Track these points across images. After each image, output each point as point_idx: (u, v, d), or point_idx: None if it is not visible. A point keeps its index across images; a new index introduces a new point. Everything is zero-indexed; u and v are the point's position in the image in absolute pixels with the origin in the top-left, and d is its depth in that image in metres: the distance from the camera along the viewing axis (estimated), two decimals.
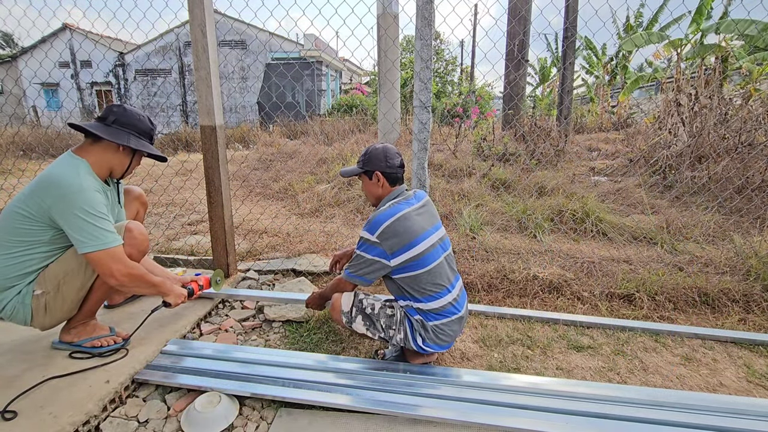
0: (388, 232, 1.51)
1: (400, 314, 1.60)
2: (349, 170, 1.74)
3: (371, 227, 1.54)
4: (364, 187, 1.75)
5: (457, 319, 1.61)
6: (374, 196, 1.71)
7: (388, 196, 1.67)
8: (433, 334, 1.56)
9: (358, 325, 1.63)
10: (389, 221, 1.52)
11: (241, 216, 3.75)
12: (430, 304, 1.56)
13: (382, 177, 1.65)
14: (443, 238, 1.66)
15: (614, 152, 6.61)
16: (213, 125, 2.27)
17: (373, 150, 1.67)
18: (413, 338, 1.58)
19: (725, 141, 4.62)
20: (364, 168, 1.67)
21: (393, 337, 1.60)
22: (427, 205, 1.69)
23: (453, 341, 1.66)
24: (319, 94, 16.45)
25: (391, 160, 1.64)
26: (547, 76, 16.63)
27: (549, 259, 2.75)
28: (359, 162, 1.70)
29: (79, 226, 1.42)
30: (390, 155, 1.65)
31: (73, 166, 1.50)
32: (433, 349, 1.60)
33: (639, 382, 1.69)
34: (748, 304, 2.24)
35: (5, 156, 7.04)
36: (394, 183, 1.68)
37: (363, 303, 1.64)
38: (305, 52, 15.65)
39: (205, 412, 1.40)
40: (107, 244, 1.45)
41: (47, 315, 1.55)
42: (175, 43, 16.65)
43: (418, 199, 1.67)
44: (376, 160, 1.64)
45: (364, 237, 1.56)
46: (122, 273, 1.49)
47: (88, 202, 1.44)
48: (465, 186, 4.37)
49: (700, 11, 7.75)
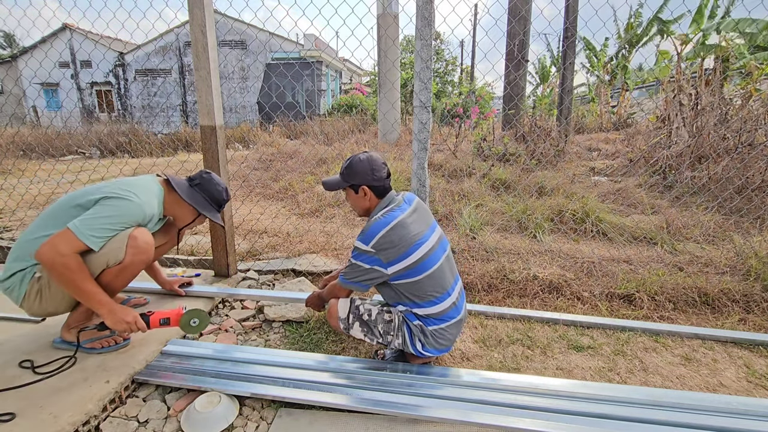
0: (383, 242, 1.46)
1: (398, 320, 1.57)
2: (332, 183, 1.64)
3: (365, 237, 1.49)
4: (349, 200, 1.67)
5: (457, 323, 1.60)
6: (362, 209, 1.64)
7: (378, 206, 1.60)
8: (433, 338, 1.55)
9: (355, 332, 1.62)
10: (384, 230, 1.47)
11: (241, 216, 3.75)
12: (430, 308, 1.53)
13: (369, 191, 1.57)
14: (441, 238, 1.63)
15: (614, 152, 6.61)
16: (213, 125, 2.27)
17: (357, 162, 1.56)
18: (412, 343, 1.56)
19: (725, 141, 4.62)
20: (348, 182, 1.59)
21: (391, 343, 1.59)
22: (419, 207, 1.64)
23: (452, 345, 1.65)
24: (319, 94, 16.46)
25: (377, 172, 1.56)
26: (547, 76, 16.62)
27: (549, 259, 2.75)
28: (342, 174, 1.60)
29: (95, 211, 1.47)
30: (376, 167, 1.56)
31: (152, 190, 1.67)
32: (432, 354, 1.60)
33: (639, 382, 1.69)
34: (748, 304, 2.24)
35: (5, 156, 7.04)
36: (381, 195, 1.60)
37: (360, 309, 1.61)
38: (305, 52, 15.66)
39: (205, 412, 1.40)
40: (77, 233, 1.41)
41: (37, 301, 1.54)
42: (175, 43, 16.66)
43: (409, 203, 1.61)
44: (362, 173, 1.55)
45: (359, 247, 1.51)
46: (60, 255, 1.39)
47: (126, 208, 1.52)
48: (465, 186, 4.37)
49: (700, 11, 7.75)
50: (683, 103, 5.24)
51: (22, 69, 17.35)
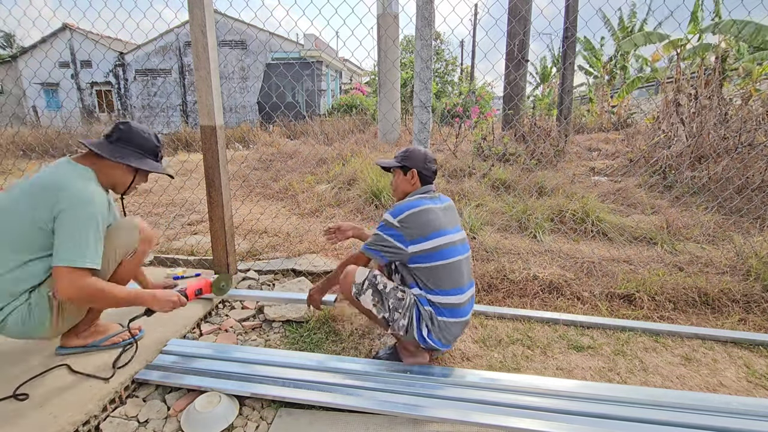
0: (410, 220, 1.56)
1: (410, 300, 1.59)
2: (386, 161, 1.82)
3: (395, 212, 1.60)
4: (394, 182, 1.80)
5: (464, 322, 1.63)
6: (403, 192, 1.76)
7: (416, 191, 1.72)
8: (440, 329, 1.56)
9: (365, 299, 1.61)
10: (413, 210, 1.58)
11: (241, 216, 3.75)
12: (443, 297, 1.57)
13: (416, 175, 1.72)
14: (464, 240, 1.70)
15: (614, 152, 6.61)
16: (213, 125, 2.27)
17: (415, 150, 1.74)
18: (418, 327, 1.56)
19: (725, 141, 4.62)
20: (402, 163, 1.73)
21: (396, 321, 1.57)
22: (450, 207, 1.74)
23: (451, 344, 1.66)
24: (319, 94, 16.46)
25: (429, 163, 1.73)
26: (547, 76, 16.63)
27: (549, 259, 2.75)
28: (397, 157, 1.76)
29: (70, 234, 1.35)
30: (429, 159, 1.74)
31: (82, 176, 1.46)
32: (434, 344, 1.58)
33: (639, 382, 1.69)
34: (748, 304, 2.24)
35: (5, 156, 7.04)
36: (424, 183, 1.74)
37: (377, 279, 1.63)
38: (305, 52, 15.65)
39: (205, 412, 1.40)
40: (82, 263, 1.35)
41: (61, 317, 1.47)
42: (175, 43, 16.65)
43: (443, 201, 1.73)
44: (416, 159, 1.71)
45: (387, 219, 1.61)
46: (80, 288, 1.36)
47: (94, 216, 1.39)
48: (465, 186, 4.37)
49: (696, 12, 7.75)
50: (681, 104, 5.24)
51: (22, 69, 17.34)
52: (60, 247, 1.34)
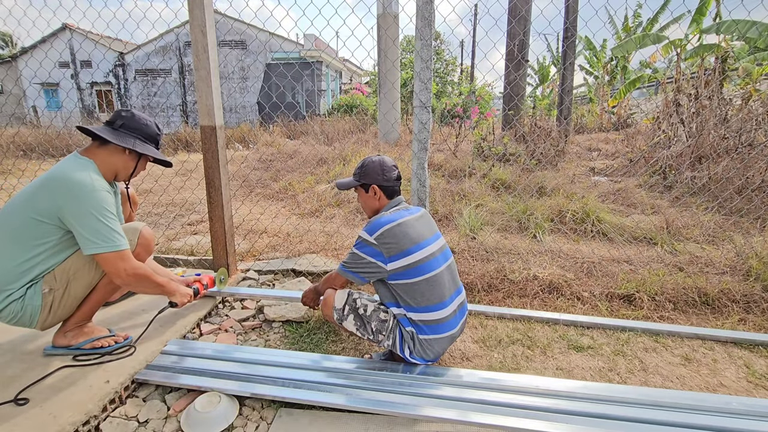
0: (387, 236, 1.51)
1: (392, 322, 1.58)
2: (345, 182, 1.74)
3: (371, 228, 1.55)
4: (360, 200, 1.75)
5: (449, 337, 1.59)
6: (371, 209, 1.72)
7: (387, 206, 1.67)
8: (421, 348, 1.56)
9: (348, 324, 1.62)
10: (389, 225, 1.53)
11: (241, 216, 3.75)
12: (424, 314, 1.54)
13: (379, 190, 1.66)
14: (444, 248, 1.66)
15: (614, 152, 6.61)
16: (213, 125, 2.27)
17: (369, 163, 1.67)
18: (401, 347, 1.58)
19: (725, 141, 4.62)
20: (360, 181, 1.68)
21: (382, 342, 1.59)
22: (425, 216, 1.70)
23: (439, 357, 1.64)
24: (319, 94, 16.46)
25: (387, 173, 1.65)
26: (547, 76, 16.63)
27: (549, 259, 2.75)
28: (355, 174, 1.70)
29: (92, 227, 1.44)
30: (386, 168, 1.66)
31: (83, 166, 1.52)
32: (418, 362, 1.60)
33: (639, 382, 1.69)
34: (748, 304, 2.24)
35: (5, 156, 7.04)
36: (391, 196, 1.68)
37: (356, 303, 1.62)
38: (305, 52, 15.66)
39: (205, 412, 1.40)
40: (118, 246, 1.48)
41: (51, 313, 1.55)
42: (175, 43, 16.66)
43: (417, 211, 1.68)
44: (372, 174, 1.65)
45: (363, 237, 1.56)
46: (129, 273, 1.51)
47: (101, 202, 1.47)
48: (465, 186, 4.37)
49: (700, 11, 7.74)
50: (681, 104, 5.24)
51: (22, 69, 17.34)
52: (92, 236, 1.44)
